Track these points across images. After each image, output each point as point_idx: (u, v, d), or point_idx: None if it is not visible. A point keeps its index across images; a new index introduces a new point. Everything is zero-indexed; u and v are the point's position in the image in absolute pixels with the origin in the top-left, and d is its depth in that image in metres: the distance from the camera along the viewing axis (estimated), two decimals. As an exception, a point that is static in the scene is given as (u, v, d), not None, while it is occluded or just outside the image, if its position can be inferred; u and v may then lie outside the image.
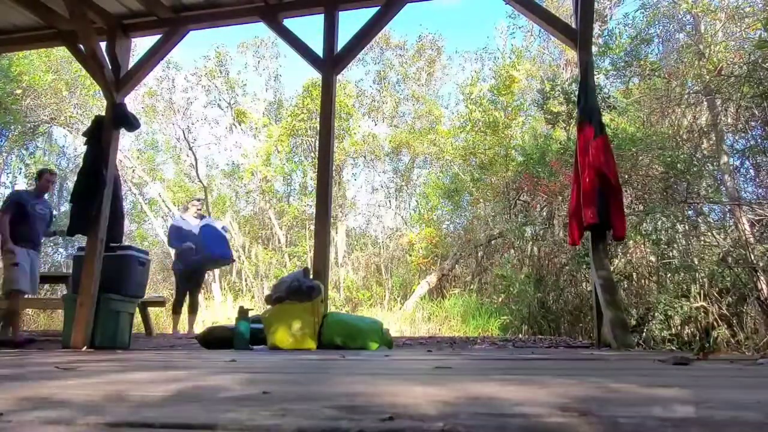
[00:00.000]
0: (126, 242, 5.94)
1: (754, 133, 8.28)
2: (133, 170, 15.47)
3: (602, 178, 3.91)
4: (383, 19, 5.07)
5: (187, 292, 6.91)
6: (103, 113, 5.30)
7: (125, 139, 14.77)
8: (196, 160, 16.08)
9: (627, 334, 3.69)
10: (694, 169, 7.90)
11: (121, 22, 5.45)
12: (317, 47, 5.03)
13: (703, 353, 2.34)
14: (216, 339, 4.24)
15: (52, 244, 15.13)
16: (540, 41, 13.73)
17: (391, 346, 4.08)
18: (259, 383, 1.29)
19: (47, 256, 14.26)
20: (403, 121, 15.85)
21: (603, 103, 8.08)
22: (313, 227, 7.36)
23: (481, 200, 12.29)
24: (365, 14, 5.12)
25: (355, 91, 15.24)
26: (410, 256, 13.15)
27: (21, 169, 15.67)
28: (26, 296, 5.50)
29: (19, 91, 13.56)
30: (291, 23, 5.30)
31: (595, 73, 4.68)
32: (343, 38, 5.08)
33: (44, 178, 5.64)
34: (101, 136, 5.11)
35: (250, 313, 4.17)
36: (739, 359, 2.36)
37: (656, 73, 9.74)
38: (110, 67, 5.24)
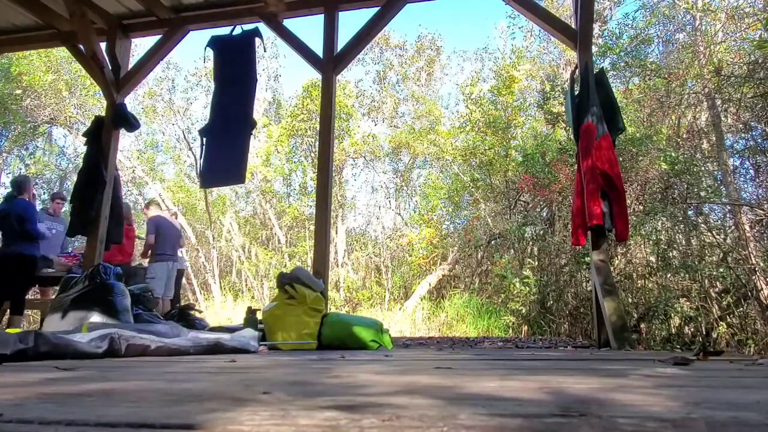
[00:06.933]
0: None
1: (754, 133, 8.27)
2: (133, 170, 15.47)
3: (606, 178, 3.91)
4: (383, 20, 5.07)
5: None
6: (103, 113, 5.31)
7: (125, 139, 14.78)
8: (196, 160, 16.09)
9: (627, 334, 3.69)
10: (694, 169, 7.90)
11: (121, 22, 5.46)
12: (317, 47, 5.03)
13: (703, 353, 2.34)
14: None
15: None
16: (540, 41, 13.74)
17: (391, 347, 4.08)
18: (258, 383, 1.29)
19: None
20: (403, 122, 15.84)
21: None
22: (313, 227, 7.36)
23: (481, 200, 12.29)
24: (365, 14, 5.13)
25: (355, 92, 15.24)
26: (410, 256, 13.16)
27: (21, 169, 15.67)
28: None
29: (19, 91, 13.56)
30: (291, 23, 5.32)
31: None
32: (343, 38, 5.08)
33: None
34: (101, 137, 5.12)
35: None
36: (739, 359, 2.36)
37: (656, 74, 9.74)
38: (110, 68, 5.26)
